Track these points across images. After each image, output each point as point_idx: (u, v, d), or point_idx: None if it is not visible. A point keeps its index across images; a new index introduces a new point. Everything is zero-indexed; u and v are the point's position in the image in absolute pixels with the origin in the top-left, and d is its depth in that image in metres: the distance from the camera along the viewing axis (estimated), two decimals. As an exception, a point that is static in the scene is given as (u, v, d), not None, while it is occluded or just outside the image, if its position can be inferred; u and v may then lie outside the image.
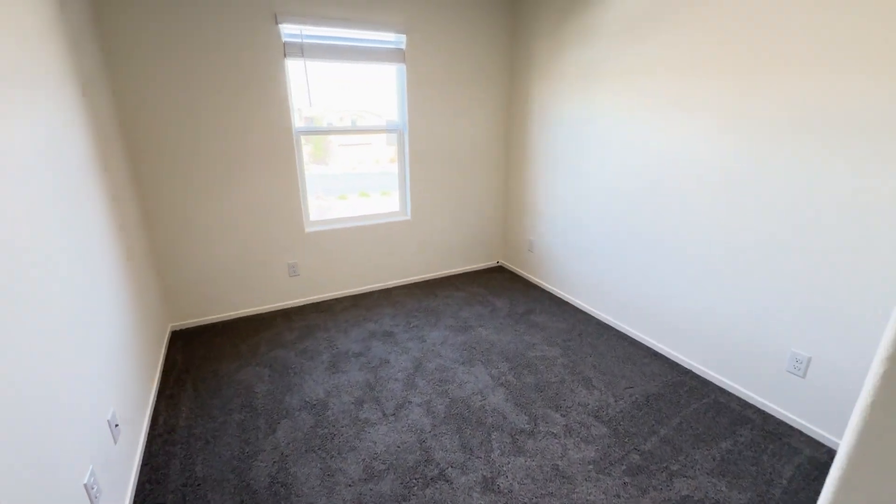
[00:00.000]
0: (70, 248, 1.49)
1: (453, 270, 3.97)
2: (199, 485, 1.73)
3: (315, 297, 3.39)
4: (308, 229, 3.23)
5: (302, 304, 3.34)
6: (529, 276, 3.81)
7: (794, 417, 2.06)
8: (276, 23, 2.72)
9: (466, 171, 3.72)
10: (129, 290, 2.13)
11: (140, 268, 2.42)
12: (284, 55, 2.80)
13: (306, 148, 3.15)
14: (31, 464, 1.02)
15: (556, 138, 3.23)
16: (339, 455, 1.88)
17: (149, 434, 2.01)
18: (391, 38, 3.12)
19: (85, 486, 1.28)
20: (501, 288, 3.65)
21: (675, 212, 2.45)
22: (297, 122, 3.05)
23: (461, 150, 3.63)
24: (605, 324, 3.03)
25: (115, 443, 1.59)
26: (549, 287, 3.57)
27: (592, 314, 3.15)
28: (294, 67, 2.91)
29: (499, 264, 4.18)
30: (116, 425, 1.62)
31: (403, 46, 3.15)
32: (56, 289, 1.32)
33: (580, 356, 2.64)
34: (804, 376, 2.00)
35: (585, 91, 2.91)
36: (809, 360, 1.97)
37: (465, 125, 3.58)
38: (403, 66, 3.21)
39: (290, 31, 2.79)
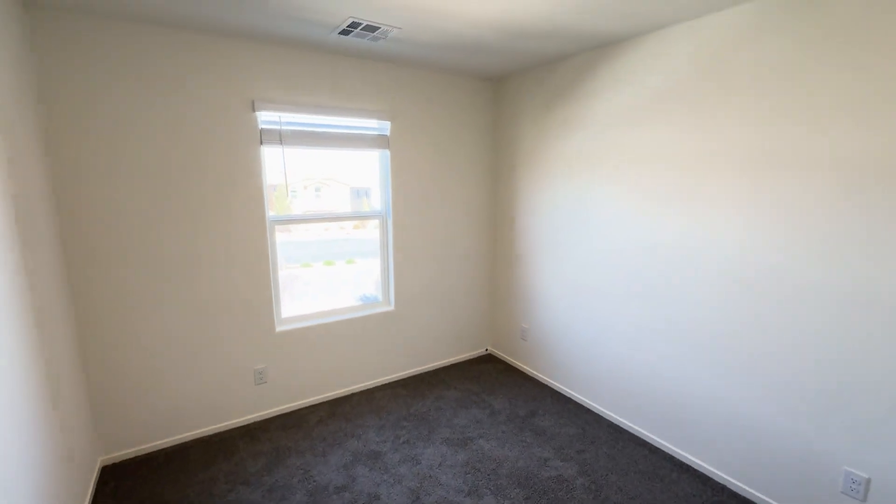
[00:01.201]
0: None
1: (441, 362, 3.61)
2: None
3: (285, 406, 2.91)
4: (280, 328, 2.84)
5: (270, 416, 2.85)
6: (523, 366, 3.51)
7: (861, 551, 1.78)
8: (254, 110, 2.53)
9: (453, 258, 3.51)
10: (44, 421, 1.65)
11: (63, 386, 1.93)
12: (261, 142, 2.59)
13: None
14: None
15: (548, 223, 3.12)
16: None
17: None
18: (375, 125, 3.00)
19: None
20: (496, 383, 3.31)
21: (686, 300, 2.29)
22: (271, 211, 2.77)
23: (447, 235, 3.45)
24: (618, 426, 2.73)
25: None
26: (549, 381, 3.27)
27: (602, 414, 2.85)
28: (271, 154, 2.69)
29: (488, 352, 3.87)
30: None
31: (388, 133, 3.04)
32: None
33: (600, 473, 2.30)
34: (864, 500, 1.76)
35: (576, 176, 2.84)
36: (868, 481, 1.74)
37: (451, 210, 3.43)
38: (388, 152, 3.07)
39: (267, 118, 2.60)
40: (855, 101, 1.66)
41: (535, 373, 3.40)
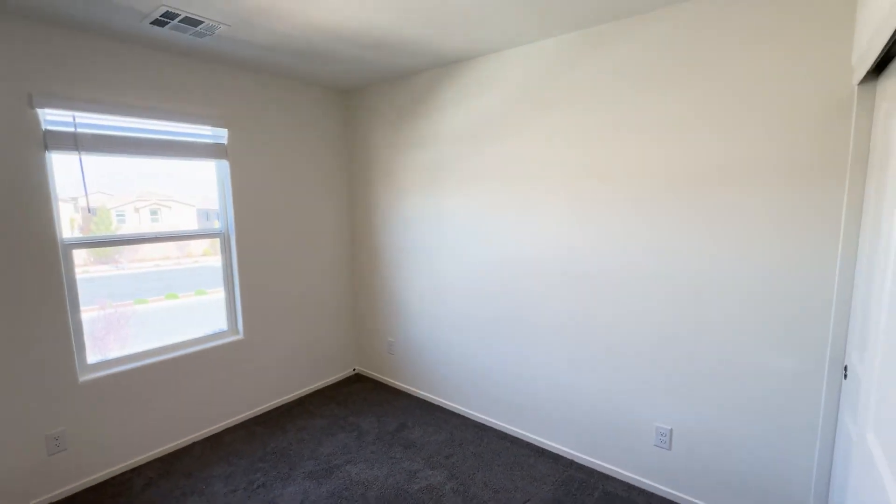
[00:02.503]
0: None
1: (304, 390, 3.33)
2: None
3: (97, 475, 2.33)
4: (84, 377, 2.27)
5: (73, 491, 2.24)
6: (392, 381, 3.45)
7: (672, 491, 2.14)
8: (32, 106, 2.02)
9: (309, 275, 3.30)
10: None
11: None
12: (46, 147, 2.08)
13: (81, 251, 2.31)
14: None
15: (405, 234, 3.16)
16: None
17: None
18: (208, 132, 2.67)
19: None
20: (364, 402, 3.18)
21: (530, 300, 2.53)
22: (67, 230, 2.23)
23: (302, 253, 3.23)
24: (482, 424, 2.85)
25: None
26: (417, 391, 3.27)
27: (468, 416, 2.95)
28: (62, 162, 2.18)
29: (356, 372, 3.71)
30: None
31: (224, 141, 2.73)
32: None
33: (468, 474, 2.35)
34: (670, 448, 2.13)
35: (431, 189, 2.95)
36: (671, 431, 2.11)
37: (304, 226, 3.23)
38: (226, 163, 2.76)
39: (55, 117, 2.10)
40: (653, 120, 2.05)
41: (404, 386, 3.37)
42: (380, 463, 2.46)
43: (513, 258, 2.58)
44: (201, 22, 2.01)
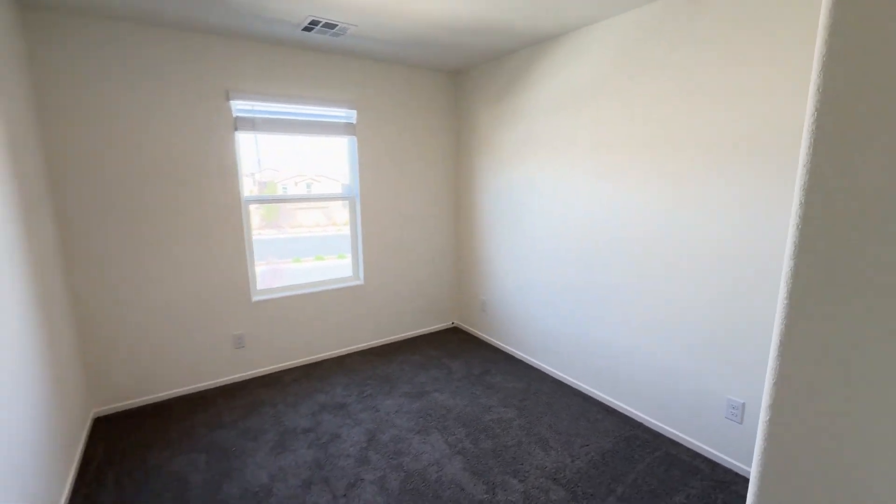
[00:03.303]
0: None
1: (409, 334, 3.93)
2: None
3: (262, 369, 3.22)
4: (255, 298, 3.14)
5: (248, 377, 3.15)
6: (484, 335, 3.84)
7: (738, 464, 2.13)
8: (228, 99, 2.81)
9: (418, 236, 3.82)
10: (42, 374, 1.94)
11: (58, 346, 2.22)
12: (235, 129, 2.88)
13: (258, 212, 3.15)
14: None
15: (500, 202, 3.44)
16: (283, 549, 1.71)
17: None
18: (342, 114, 3.30)
19: None
20: (457, 350, 3.64)
21: (613, 266, 2.63)
22: (247, 192, 3.06)
23: (412, 215, 3.76)
24: (559, 381, 3.07)
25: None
26: (504, 346, 3.61)
27: (547, 372, 3.19)
28: (245, 140, 2.98)
29: (454, 325, 4.20)
30: (15, 539, 1.40)
31: (354, 121, 3.33)
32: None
33: (536, 416, 2.63)
34: (741, 422, 2.10)
35: (524, 159, 3.17)
36: (744, 405, 2.08)
37: (415, 192, 3.74)
38: (354, 139, 3.37)
39: (241, 106, 2.89)
40: (735, 88, 1.99)
41: (493, 340, 3.73)
42: (461, 396, 2.88)
43: (596, 225, 2.69)
44: (336, 25, 2.54)
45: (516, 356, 3.47)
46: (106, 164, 2.51)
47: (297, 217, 3.60)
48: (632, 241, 2.50)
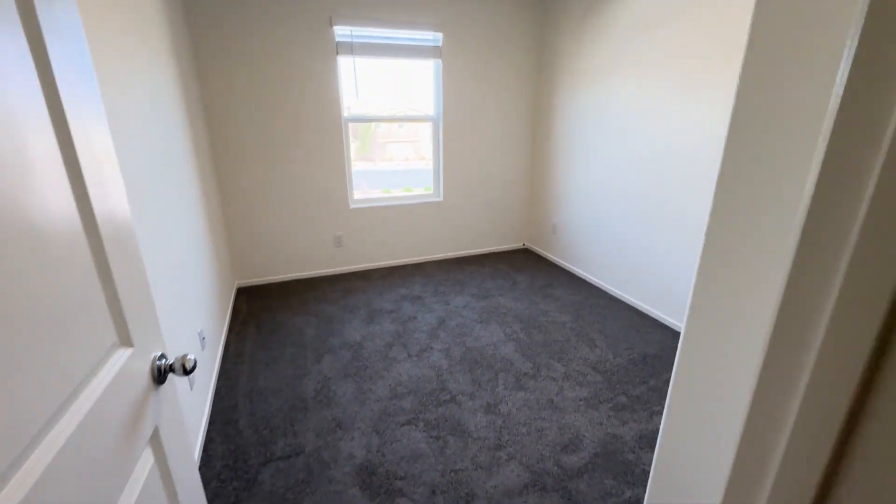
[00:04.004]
0: (180, 200, 1.98)
1: (481, 250, 4.31)
2: (261, 392, 2.19)
3: (356, 266, 3.85)
4: (352, 206, 3.69)
5: (345, 271, 3.81)
6: (552, 256, 4.08)
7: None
8: (331, 25, 3.17)
9: (496, 159, 4.04)
10: (211, 250, 2.65)
11: (216, 235, 2.95)
12: (337, 53, 3.26)
13: (354, 144, 3.63)
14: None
15: (576, 126, 3.49)
16: (371, 380, 2.29)
17: (222, 356, 2.51)
18: (429, 37, 3.50)
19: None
20: (524, 266, 3.95)
21: (680, 191, 2.66)
22: (346, 112, 3.50)
23: (491, 137, 3.96)
24: (617, 298, 3.26)
25: (203, 349, 2.08)
26: (570, 266, 3.83)
27: (606, 290, 3.39)
28: (344, 64, 3.36)
29: (525, 247, 4.47)
30: (203, 338, 2.10)
31: (440, 43, 3.52)
32: (181, 228, 1.81)
33: (588, 322, 2.90)
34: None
35: (603, 81, 3.15)
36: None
37: (494, 115, 3.90)
38: (440, 62, 3.58)
39: (342, 32, 3.24)
40: None
41: (560, 261, 3.96)
42: (522, 301, 3.23)
43: (672, 147, 2.70)
44: (426, -55, 2.68)
45: (580, 275, 3.69)
46: (241, 104, 3.07)
47: (389, 150, 4.05)
48: (706, 163, 2.49)
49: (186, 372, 0.87)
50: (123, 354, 0.73)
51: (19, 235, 0.50)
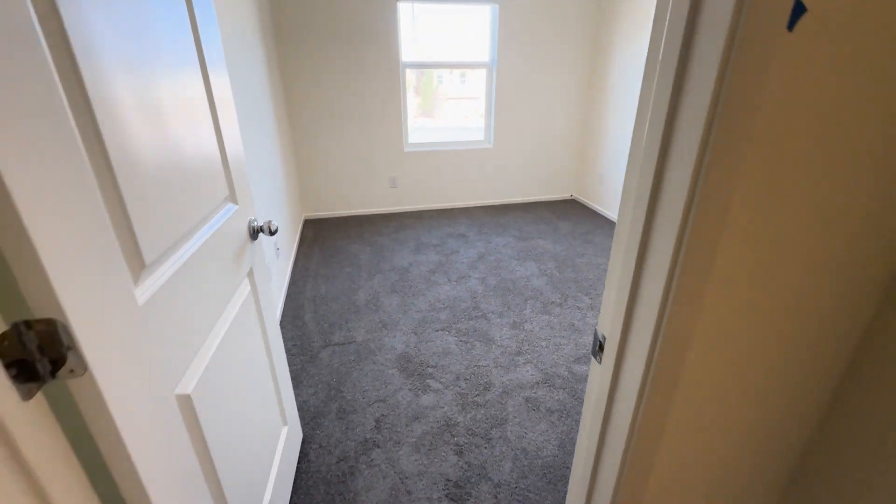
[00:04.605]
0: (265, 143, 2.35)
1: (528, 199, 4.44)
2: (323, 297, 2.61)
3: (408, 206, 4.17)
4: (407, 149, 3.95)
5: (398, 211, 4.14)
6: (598, 207, 4.13)
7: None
8: (393, -30, 3.32)
9: (547, 109, 4.07)
10: (285, 185, 3.06)
11: (290, 173, 3.35)
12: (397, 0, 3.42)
13: (416, 100, 3.84)
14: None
15: (632, 75, 3.43)
16: (413, 297, 2.62)
17: (292, 269, 2.96)
18: (487, -20, 3.54)
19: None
20: (568, 214, 4.05)
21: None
22: (404, 58, 3.69)
23: (544, 86, 3.98)
24: (656, 247, 3.31)
25: (276, 258, 2.50)
26: (614, 216, 3.88)
27: (647, 239, 3.43)
28: (403, 10, 3.52)
29: (572, 197, 4.53)
30: (278, 248, 2.53)
31: (498, -13, 3.55)
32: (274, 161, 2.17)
33: (622, 266, 3.02)
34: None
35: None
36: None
37: (548, 64, 3.90)
38: (496, 7, 3.62)
39: (403, -23, 3.38)
40: None
41: (605, 211, 4.01)
42: (561, 244, 3.39)
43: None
44: None
45: (623, 225, 3.73)
46: (311, 55, 3.36)
47: (447, 109, 4.25)
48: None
49: (272, 233, 1.20)
50: (232, 208, 1.06)
51: (197, 143, 0.81)
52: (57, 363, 0.48)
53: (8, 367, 0.44)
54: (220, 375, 0.89)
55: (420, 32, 3.74)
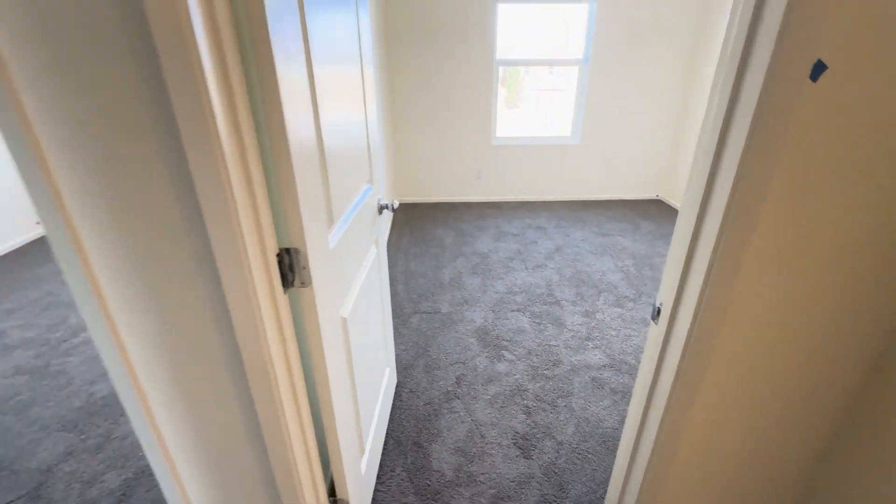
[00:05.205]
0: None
1: (612, 196, 4.45)
2: (412, 272, 2.96)
3: (492, 197, 4.40)
4: (494, 142, 4.17)
5: (481, 201, 4.40)
6: (685, 209, 4.02)
7: None
8: (496, -26, 3.53)
9: (640, 107, 4.04)
10: (386, 170, 3.45)
11: (388, 164, 3.76)
12: (497, 0, 3.62)
13: (502, 91, 4.04)
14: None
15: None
16: (492, 279, 2.87)
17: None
18: (587, -21, 3.60)
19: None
20: (652, 215, 4.02)
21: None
22: (498, 55, 3.90)
23: (637, 86, 3.95)
24: (745, 253, 3.21)
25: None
26: (702, 219, 3.77)
27: (736, 244, 3.33)
28: (502, 11, 3.71)
29: (658, 197, 4.45)
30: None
31: (597, -15, 3.60)
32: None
33: (704, 269, 2.99)
34: None
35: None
36: None
37: (645, 59, 3.86)
38: (594, 5, 3.67)
39: (504, -21, 3.57)
40: None
41: (692, 214, 3.91)
42: (641, 243, 3.41)
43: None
44: None
45: (711, 229, 3.63)
46: (410, 46, 3.70)
47: (534, 98, 4.39)
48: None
49: (393, 209, 1.51)
50: (370, 188, 1.38)
51: (358, 129, 1.12)
52: (296, 277, 0.80)
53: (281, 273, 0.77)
54: (359, 312, 1.21)
55: (514, 29, 3.91)
